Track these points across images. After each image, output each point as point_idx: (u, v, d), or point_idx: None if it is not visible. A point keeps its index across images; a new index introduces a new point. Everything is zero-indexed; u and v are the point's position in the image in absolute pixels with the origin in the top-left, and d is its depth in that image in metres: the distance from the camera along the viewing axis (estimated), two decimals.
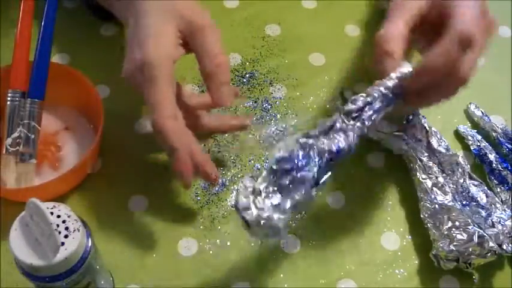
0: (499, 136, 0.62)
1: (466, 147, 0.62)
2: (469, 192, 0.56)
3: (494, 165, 0.59)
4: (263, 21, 0.72)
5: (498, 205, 0.56)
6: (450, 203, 0.55)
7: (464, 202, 0.56)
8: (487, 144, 0.62)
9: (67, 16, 0.70)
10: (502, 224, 0.53)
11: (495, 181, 0.59)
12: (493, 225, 0.53)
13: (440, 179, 0.57)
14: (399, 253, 0.56)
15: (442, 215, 0.54)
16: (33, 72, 0.56)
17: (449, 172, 0.58)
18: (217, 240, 0.56)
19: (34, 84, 0.56)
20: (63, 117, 0.61)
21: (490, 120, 0.63)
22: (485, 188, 0.57)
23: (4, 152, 0.55)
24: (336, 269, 0.54)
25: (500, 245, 0.52)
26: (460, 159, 0.58)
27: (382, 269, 0.55)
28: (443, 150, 0.59)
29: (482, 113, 0.64)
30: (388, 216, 0.58)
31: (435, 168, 0.58)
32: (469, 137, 0.62)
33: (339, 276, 0.54)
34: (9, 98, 0.56)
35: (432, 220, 0.55)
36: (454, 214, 0.54)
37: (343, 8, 0.74)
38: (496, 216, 0.54)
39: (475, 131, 0.63)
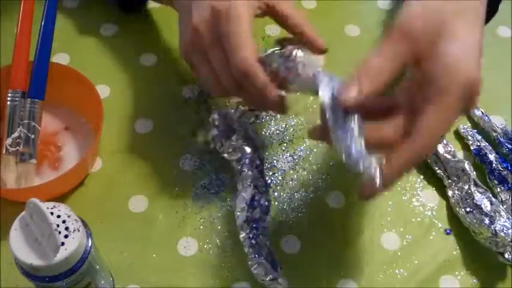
0: (499, 136, 0.62)
1: (466, 147, 0.62)
2: (473, 199, 0.56)
3: (494, 165, 0.59)
4: (263, 21, 0.72)
5: (502, 213, 0.55)
6: None
7: (468, 209, 0.56)
8: (487, 144, 0.61)
9: (67, 16, 0.70)
10: (504, 233, 0.53)
11: (495, 181, 0.59)
12: (495, 234, 0.53)
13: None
14: (399, 253, 0.56)
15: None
16: (33, 72, 0.56)
17: (455, 179, 0.57)
18: (217, 240, 0.56)
19: (34, 84, 0.56)
20: (63, 117, 0.61)
21: (490, 120, 0.63)
22: (490, 195, 0.57)
23: (4, 152, 0.55)
24: (336, 269, 0.54)
25: (502, 254, 0.52)
26: (466, 166, 0.58)
27: (382, 269, 0.55)
28: (449, 157, 0.59)
29: (482, 113, 0.64)
30: (388, 216, 0.58)
31: (441, 175, 0.58)
32: (469, 137, 0.62)
33: (339, 276, 0.54)
34: (9, 98, 0.56)
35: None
36: None
37: (343, 8, 0.74)
38: (499, 225, 0.54)
39: (475, 130, 0.63)
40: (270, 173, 0.60)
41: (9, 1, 0.68)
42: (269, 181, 0.59)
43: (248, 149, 0.56)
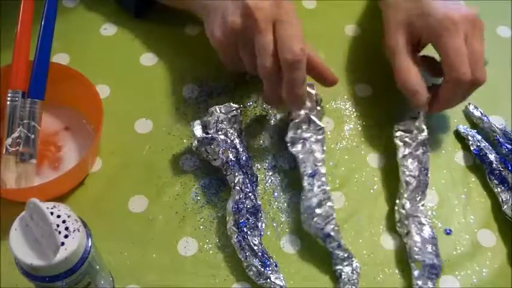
0: (498, 136, 0.62)
1: (466, 147, 0.62)
2: None
3: (494, 165, 0.59)
4: None
5: None
6: None
7: None
8: (487, 144, 0.61)
9: (67, 16, 0.70)
10: None
11: (495, 181, 0.59)
12: None
13: None
14: (399, 253, 0.56)
15: None
16: (33, 72, 0.56)
17: None
18: (217, 240, 0.56)
19: (34, 84, 0.56)
20: (63, 117, 0.61)
21: (488, 120, 0.63)
22: None
23: (4, 152, 0.55)
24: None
25: None
26: None
27: (382, 269, 0.55)
28: None
29: (481, 113, 0.64)
30: (387, 216, 0.58)
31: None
32: (469, 137, 0.62)
33: None
34: (9, 98, 0.56)
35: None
36: None
37: (343, 8, 0.74)
38: None
39: (475, 131, 0.63)
40: (270, 173, 0.60)
41: (9, 1, 0.68)
42: (269, 181, 0.59)
43: (231, 154, 0.56)
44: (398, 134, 0.60)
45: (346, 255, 0.53)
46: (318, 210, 0.54)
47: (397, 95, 0.63)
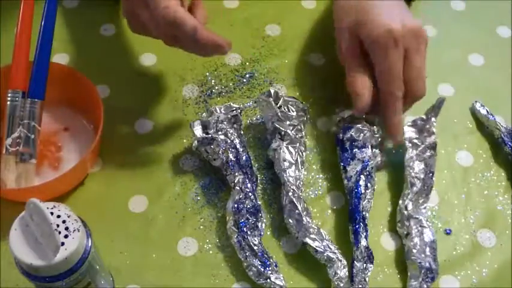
0: (502, 135, 0.62)
1: (465, 147, 0.62)
2: None
3: None
4: (263, 21, 0.72)
5: None
6: None
7: None
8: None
9: (67, 16, 0.70)
10: None
11: None
12: None
13: None
14: (399, 253, 0.56)
15: None
16: (33, 72, 0.56)
17: None
18: (217, 240, 0.56)
19: (34, 84, 0.56)
20: (63, 117, 0.61)
21: (494, 118, 0.63)
22: None
23: (4, 152, 0.55)
24: None
25: None
26: None
27: (382, 269, 0.55)
28: None
29: (487, 111, 0.64)
30: (388, 216, 0.58)
31: None
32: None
33: None
34: (9, 98, 0.56)
35: None
36: None
37: None
38: None
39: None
40: (270, 173, 0.60)
41: (9, 1, 0.68)
42: (269, 181, 0.59)
43: (231, 154, 0.56)
44: (407, 135, 0.60)
45: (325, 258, 0.53)
46: (290, 220, 0.55)
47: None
